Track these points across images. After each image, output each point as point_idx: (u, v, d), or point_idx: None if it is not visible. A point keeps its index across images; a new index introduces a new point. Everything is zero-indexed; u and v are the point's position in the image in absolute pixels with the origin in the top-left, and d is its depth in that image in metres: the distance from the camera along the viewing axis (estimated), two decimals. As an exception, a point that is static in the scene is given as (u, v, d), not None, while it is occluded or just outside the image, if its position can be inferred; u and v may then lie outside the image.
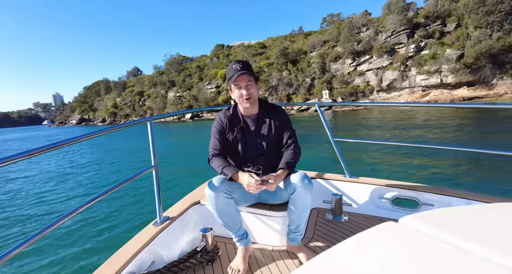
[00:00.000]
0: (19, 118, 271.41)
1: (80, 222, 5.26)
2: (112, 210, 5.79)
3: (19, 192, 8.29)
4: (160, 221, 1.73)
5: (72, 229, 4.98)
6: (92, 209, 5.75)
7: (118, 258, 1.38)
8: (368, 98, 43.18)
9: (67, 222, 4.55)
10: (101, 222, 5.22)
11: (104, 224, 5.12)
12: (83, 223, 5.25)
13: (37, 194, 7.76)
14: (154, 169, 1.76)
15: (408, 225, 0.71)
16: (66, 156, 15.84)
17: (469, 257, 0.55)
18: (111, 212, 5.69)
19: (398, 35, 41.81)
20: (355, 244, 0.66)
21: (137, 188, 6.96)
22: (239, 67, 1.54)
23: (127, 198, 6.42)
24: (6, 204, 7.07)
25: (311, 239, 1.91)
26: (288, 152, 1.65)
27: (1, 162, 0.98)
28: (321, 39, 51.55)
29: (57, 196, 7.49)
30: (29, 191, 8.22)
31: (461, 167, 6.61)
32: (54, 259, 4.06)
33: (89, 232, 4.83)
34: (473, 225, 0.70)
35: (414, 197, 2.02)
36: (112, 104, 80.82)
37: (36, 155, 1.10)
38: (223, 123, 1.69)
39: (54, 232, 4.77)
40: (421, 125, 14.85)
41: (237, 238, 1.69)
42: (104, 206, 5.96)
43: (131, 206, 5.94)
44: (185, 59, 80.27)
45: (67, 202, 6.86)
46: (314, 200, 2.34)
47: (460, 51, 35.01)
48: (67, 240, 4.61)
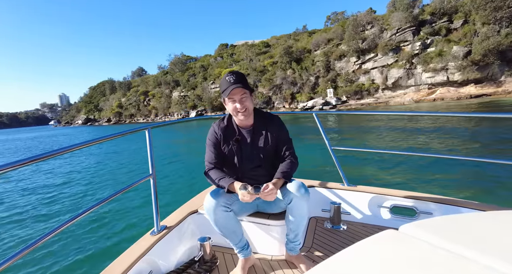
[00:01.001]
0: (26, 118, 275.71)
1: (75, 232, 5.19)
2: (109, 219, 5.72)
3: (12, 201, 8.14)
4: (158, 230, 1.71)
5: (67, 239, 4.91)
6: (89, 218, 5.67)
7: (114, 268, 1.36)
8: (373, 97, 42.82)
9: (62, 232, 4.52)
10: (97, 232, 5.15)
11: (100, 234, 5.05)
12: (79, 232, 5.17)
13: (28, 205, 7.63)
14: (152, 177, 1.74)
15: (409, 233, 0.71)
16: (59, 164, 15.47)
17: (469, 265, 0.55)
18: (108, 221, 5.62)
19: (403, 33, 41.31)
20: (356, 252, 0.66)
21: (134, 197, 6.87)
22: (233, 80, 1.50)
23: (124, 207, 6.34)
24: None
25: (310, 248, 1.89)
26: (285, 162, 1.64)
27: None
28: (325, 37, 51.22)
29: (52, 205, 7.38)
30: (18, 201, 8.07)
31: (458, 175, 6.62)
32: (50, 269, 4.00)
33: (85, 242, 4.77)
34: (471, 232, 0.71)
35: (413, 206, 2.01)
36: (117, 104, 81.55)
37: (26, 165, 1.07)
38: (217, 135, 1.65)
39: (49, 242, 4.66)
40: (426, 130, 14.61)
41: (238, 249, 1.67)
42: (101, 215, 5.89)
43: (128, 215, 5.86)
44: (189, 59, 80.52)
45: (62, 211, 6.77)
46: (312, 208, 2.33)
47: (467, 48, 34.43)
48: (63, 250, 4.55)
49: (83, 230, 5.26)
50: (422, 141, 11.94)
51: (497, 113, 1.76)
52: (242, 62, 60.17)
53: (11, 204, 7.80)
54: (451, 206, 1.85)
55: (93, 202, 1.65)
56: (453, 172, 6.84)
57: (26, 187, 10.11)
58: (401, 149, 10.69)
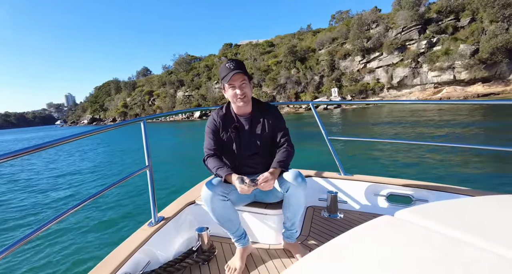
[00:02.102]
0: (33, 118, 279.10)
1: (73, 223, 5.21)
2: (107, 210, 5.74)
3: (10, 192, 8.30)
4: (155, 221, 1.72)
5: (65, 230, 4.94)
6: (86, 210, 5.70)
7: (112, 258, 1.37)
8: (378, 96, 42.48)
9: (59, 223, 4.51)
10: (95, 223, 5.17)
11: (98, 225, 5.07)
12: (77, 223, 5.20)
13: (28, 196, 7.76)
14: (148, 169, 1.75)
15: (404, 218, 0.73)
16: (57, 157, 15.79)
17: (463, 247, 0.57)
18: (106, 212, 5.64)
19: (409, 31, 40.89)
20: (351, 238, 0.66)
21: (132, 188, 6.91)
22: (233, 66, 1.53)
23: (122, 198, 6.37)
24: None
25: (307, 237, 1.92)
26: (281, 151, 1.66)
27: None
28: (330, 36, 50.94)
29: (49, 196, 7.45)
30: (18, 192, 8.22)
31: (452, 162, 6.76)
32: (48, 260, 4.04)
33: (83, 233, 4.79)
34: (463, 217, 0.73)
35: (408, 193, 2.05)
36: (122, 104, 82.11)
37: (22, 155, 1.07)
38: (216, 122, 1.67)
39: (47, 232, 4.73)
40: (433, 124, 14.49)
41: (236, 239, 1.68)
42: (98, 207, 5.91)
43: (126, 206, 5.89)
44: (194, 59, 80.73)
45: (59, 203, 6.83)
46: (309, 198, 2.37)
47: (475, 46, 33.91)
48: (61, 241, 4.57)
49: (81, 222, 5.28)
50: (417, 131, 12.10)
51: (495, 101, 1.84)
52: (246, 62, 60.16)
53: (10, 196, 7.92)
54: (445, 192, 1.89)
55: (90, 193, 1.70)
56: (450, 159, 6.99)
57: (19, 178, 10.29)
58: (396, 138, 10.73)
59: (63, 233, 4.83)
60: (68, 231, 4.90)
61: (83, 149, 17.98)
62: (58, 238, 4.67)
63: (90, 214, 5.59)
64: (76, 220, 5.31)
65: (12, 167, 12.95)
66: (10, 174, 11.24)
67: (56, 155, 16.57)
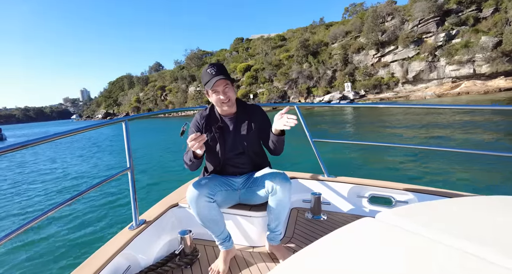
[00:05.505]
0: (51, 113, 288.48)
1: (51, 226, 5.00)
2: (86, 213, 5.55)
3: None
4: (136, 224, 1.68)
5: (42, 234, 4.73)
6: (65, 212, 5.50)
7: (91, 263, 1.33)
8: (393, 91, 41.35)
9: (35, 226, 4.35)
10: (74, 226, 4.98)
11: (77, 229, 4.87)
12: (54, 227, 4.99)
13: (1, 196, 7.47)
14: (130, 170, 1.72)
15: (385, 220, 0.74)
16: (33, 156, 15.09)
17: (442, 247, 0.58)
18: (85, 215, 5.45)
19: (426, 24, 39.44)
20: (333, 240, 0.67)
21: (113, 191, 6.71)
22: (214, 72, 1.54)
23: (102, 201, 6.18)
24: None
25: (291, 239, 1.92)
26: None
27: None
28: (343, 30, 49.85)
29: (24, 198, 7.17)
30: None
31: (431, 165, 6.95)
32: (22, 264, 3.85)
33: (61, 237, 4.58)
34: (442, 218, 0.76)
35: (390, 195, 2.08)
36: (135, 99, 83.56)
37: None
38: (200, 123, 1.68)
39: (22, 236, 4.55)
40: (445, 125, 13.91)
41: (220, 241, 1.64)
42: (78, 209, 5.71)
43: (106, 209, 5.69)
44: (205, 54, 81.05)
45: (35, 205, 6.57)
46: (293, 199, 2.36)
47: (498, 38, 32.37)
48: (37, 245, 4.37)
49: (58, 225, 5.09)
50: (400, 133, 12.50)
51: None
52: (258, 56, 59.74)
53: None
54: (425, 194, 1.93)
55: (68, 196, 1.64)
56: (428, 162, 7.23)
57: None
58: (378, 141, 10.96)
59: (38, 238, 4.61)
60: (44, 235, 4.67)
61: (69, 150, 17.25)
62: (32, 243, 4.46)
63: (68, 218, 5.37)
64: (53, 224, 5.10)
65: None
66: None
67: (34, 155, 15.86)
